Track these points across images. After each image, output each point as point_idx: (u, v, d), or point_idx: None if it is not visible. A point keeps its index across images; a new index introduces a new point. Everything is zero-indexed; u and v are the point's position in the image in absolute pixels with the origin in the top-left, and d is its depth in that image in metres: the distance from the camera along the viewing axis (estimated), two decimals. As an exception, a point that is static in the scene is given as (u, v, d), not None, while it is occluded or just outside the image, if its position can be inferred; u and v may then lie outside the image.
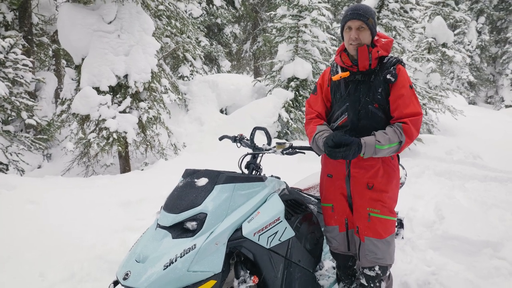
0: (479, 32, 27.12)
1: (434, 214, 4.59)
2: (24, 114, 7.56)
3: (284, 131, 9.53)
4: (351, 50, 2.36)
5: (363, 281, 2.51)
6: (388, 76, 2.29)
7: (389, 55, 2.41)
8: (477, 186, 6.06)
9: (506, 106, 24.15)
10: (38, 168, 8.47)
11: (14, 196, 4.21)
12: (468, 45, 25.34)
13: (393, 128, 2.28)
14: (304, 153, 2.65)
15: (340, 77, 2.40)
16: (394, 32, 9.65)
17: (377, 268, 2.43)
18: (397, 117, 2.31)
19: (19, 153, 7.13)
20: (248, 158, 2.66)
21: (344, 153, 2.19)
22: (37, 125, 8.11)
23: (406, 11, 9.93)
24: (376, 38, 2.39)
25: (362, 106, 2.36)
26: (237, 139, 2.86)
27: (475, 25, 26.50)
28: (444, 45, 12.95)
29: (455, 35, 22.60)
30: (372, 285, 2.48)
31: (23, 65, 7.55)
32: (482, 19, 27.32)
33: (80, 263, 3.17)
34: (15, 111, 7.34)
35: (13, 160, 6.94)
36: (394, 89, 2.31)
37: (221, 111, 10.96)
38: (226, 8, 14.70)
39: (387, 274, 2.51)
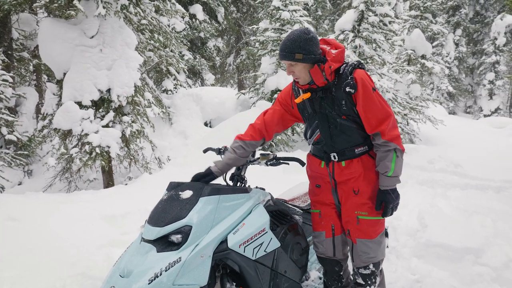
0: (457, 44, 27.87)
1: (417, 222, 4.64)
2: (4, 130, 7.45)
3: (269, 143, 9.57)
4: (298, 81, 2.41)
5: (360, 280, 2.54)
6: (348, 89, 2.27)
7: (344, 62, 2.38)
8: (459, 194, 6.15)
9: (485, 116, 24.72)
10: (18, 184, 8.31)
11: (-6, 213, 4.11)
12: (446, 56, 26.00)
13: (379, 150, 2.37)
14: (288, 164, 2.67)
15: (303, 99, 2.43)
16: (374, 45, 9.86)
17: (371, 266, 2.50)
18: (371, 127, 2.34)
19: (-2, 170, 6.99)
20: (232, 170, 2.67)
21: (395, 208, 2.42)
22: (18, 141, 7.98)
23: (385, 24, 10.16)
24: (327, 48, 2.37)
25: (331, 121, 2.40)
26: (221, 151, 2.86)
27: (453, 37, 27.23)
28: (423, 56, 13.28)
29: (433, 47, 23.19)
30: (369, 282, 2.54)
31: (3, 80, 7.46)
32: (459, 31, 28.11)
33: (62, 280, 3.10)
34: (-5, 127, 7.22)
35: (-7, 177, 6.80)
36: (358, 99, 2.31)
37: (206, 124, 10.95)
38: (209, 22, 14.80)
39: (380, 268, 2.58)
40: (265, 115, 2.64)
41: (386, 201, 2.37)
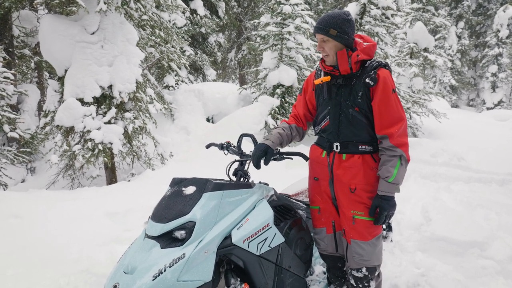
0: (459, 37, 27.70)
1: (421, 216, 4.63)
2: (6, 127, 7.44)
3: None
4: (325, 59, 2.42)
5: (352, 281, 2.53)
6: (367, 80, 2.27)
7: (373, 58, 2.39)
8: (462, 187, 6.13)
9: (488, 109, 24.61)
10: (21, 182, 8.32)
11: (-3, 211, 4.12)
12: (449, 49, 25.83)
13: (384, 154, 2.32)
14: (291, 158, 2.65)
15: (322, 81, 2.43)
16: (376, 38, 9.80)
17: (364, 269, 2.46)
18: (381, 126, 2.31)
19: (1, 167, 6.99)
20: (235, 165, 2.65)
21: (390, 216, 2.36)
22: (20, 138, 7.98)
23: (387, 17, 10.10)
24: (359, 41, 2.39)
25: (343, 110, 2.39)
26: (224, 147, 2.85)
27: (455, 30, 27.05)
28: (425, 49, 13.20)
29: (435, 40, 23.02)
30: (360, 285, 2.51)
31: (4, 77, 7.45)
32: (461, 24, 27.92)
33: (66, 277, 3.10)
34: (-3, 125, 7.22)
35: (-4, 175, 6.81)
36: (375, 94, 2.29)
37: (208, 120, 10.93)
38: (210, 17, 14.73)
39: (376, 273, 2.52)
40: (295, 104, 2.74)
41: (381, 207, 2.31)
